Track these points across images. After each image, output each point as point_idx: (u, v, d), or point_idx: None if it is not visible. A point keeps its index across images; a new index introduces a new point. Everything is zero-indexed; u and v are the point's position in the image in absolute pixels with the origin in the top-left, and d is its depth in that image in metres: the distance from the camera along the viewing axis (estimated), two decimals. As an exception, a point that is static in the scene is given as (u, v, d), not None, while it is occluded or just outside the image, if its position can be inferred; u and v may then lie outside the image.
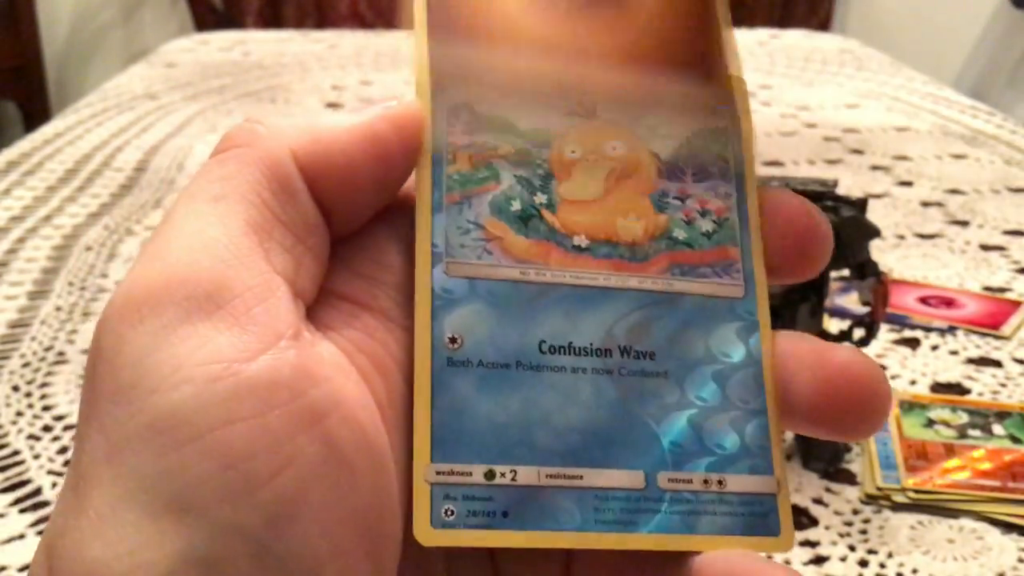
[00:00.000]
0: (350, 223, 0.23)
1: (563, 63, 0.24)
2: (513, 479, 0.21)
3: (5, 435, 0.56)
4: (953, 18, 2.50)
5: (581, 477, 0.22)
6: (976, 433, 0.55)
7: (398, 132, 0.22)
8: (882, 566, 0.46)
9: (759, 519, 0.22)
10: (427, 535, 0.21)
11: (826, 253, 0.24)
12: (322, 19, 2.50)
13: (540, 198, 0.23)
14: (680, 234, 0.24)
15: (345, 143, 0.22)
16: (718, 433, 0.23)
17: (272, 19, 2.52)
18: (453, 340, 0.22)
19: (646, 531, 0.22)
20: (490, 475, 0.21)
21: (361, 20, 2.47)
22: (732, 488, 0.22)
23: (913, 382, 0.62)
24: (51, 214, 0.90)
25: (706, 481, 0.22)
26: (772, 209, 0.24)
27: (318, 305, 0.22)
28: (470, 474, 0.21)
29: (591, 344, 0.23)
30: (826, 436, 0.23)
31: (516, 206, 0.23)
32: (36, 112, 2.42)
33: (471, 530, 0.21)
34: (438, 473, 0.21)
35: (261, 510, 0.18)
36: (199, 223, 0.20)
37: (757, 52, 1.61)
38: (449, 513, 0.21)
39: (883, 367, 0.63)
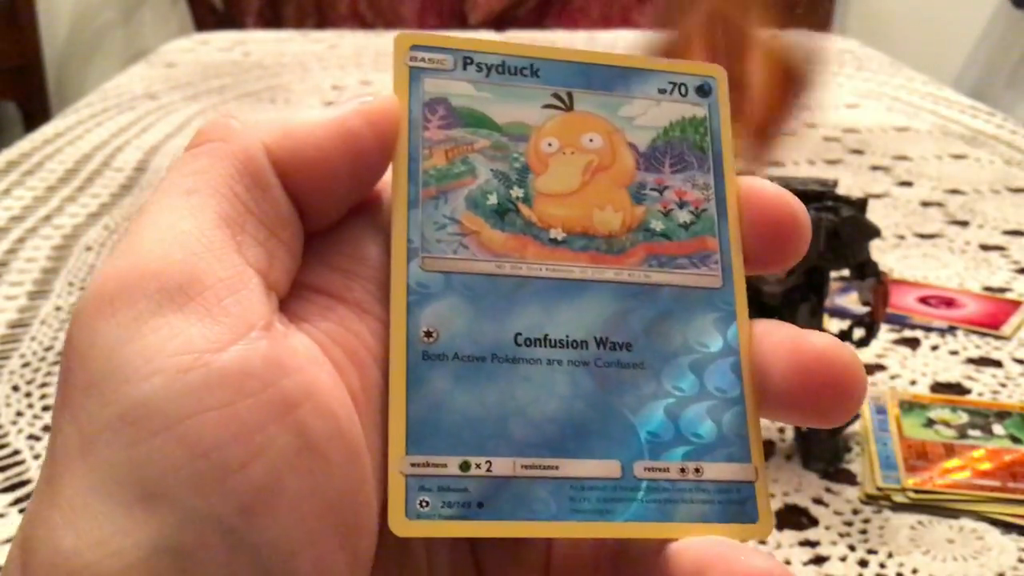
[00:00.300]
0: (325, 217, 0.23)
1: (540, 54, 0.25)
2: (488, 470, 0.22)
3: (5, 435, 0.56)
4: (953, 18, 2.50)
5: (557, 467, 0.22)
6: (976, 433, 0.55)
7: (372, 128, 0.22)
8: (882, 566, 0.46)
9: (737, 506, 0.23)
10: (402, 526, 0.21)
11: (804, 241, 0.24)
12: (322, 19, 2.50)
13: (517, 192, 0.24)
14: (657, 225, 0.24)
15: (318, 138, 0.22)
16: (695, 422, 0.23)
17: (272, 19, 2.52)
18: (428, 334, 0.22)
19: (623, 520, 0.22)
20: (465, 466, 0.22)
21: (361, 20, 2.47)
22: (709, 476, 0.23)
23: (913, 382, 0.62)
24: (51, 214, 0.90)
25: (683, 470, 0.23)
26: (749, 198, 0.24)
27: (293, 298, 0.22)
28: (445, 466, 0.21)
29: (567, 336, 0.23)
30: (802, 422, 0.23)
31: (492, 200, 0.23)
32: (36, 112, 2.42)
33: (446, 521, 0.21)
34: (413, 465, 0.21)
35: (233, 499, 0.19)
36: (171, 217, 0.21)
37: (757, 52, 1.61)
38: (424, 504, 0.21)
39: (883, 367, 0.63)
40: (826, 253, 0.51)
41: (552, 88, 0.24)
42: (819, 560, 0.47)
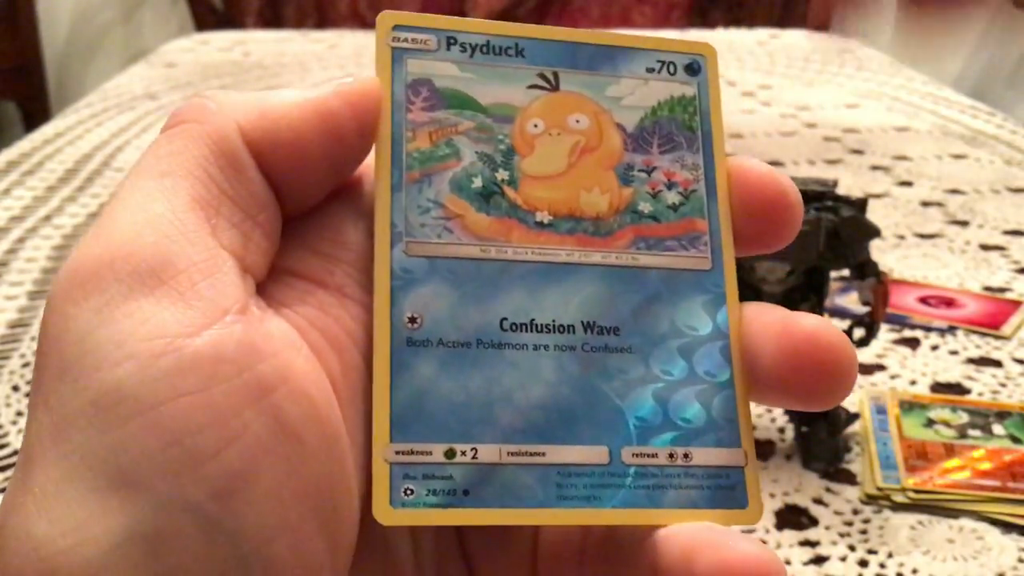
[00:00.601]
0: (303, 199, 0.22)
1: (527, 33, 0.24)
2: (474, 457, 0.21)
3: (5, 435, 0.56)
4: (953, 18, 2.50)
5: (544, 454, 0.22)
6: (976, 433, 0.55)
7: (351, 109, 0.22)
8: (882, 566, 0.46)
9: (726, 491, 0.22)
10: (386, 514, 0.21)
11: (795, 221, 0.23)
12: (322, 19, 2.50)
13: (502, 174, 0.23)
14: (645, 207, 0.24)
15: (294, 118, 0.22)
16: (684, 407, 0.23)
17: (272, 19, 2.52)
18: (413, 320, 0.22)
19: (610, 506, 0.22)
20: (450, 454, 0.21)
21: (361, 20, 2.47)
22: (698, 461, 0.22)
23: (913, 382, 0.62)
24: (51, 214, 0.90)
25: (671, 455, 0.22)
26: (739, 178, 0.24)
27: (273, 282, 0.22)
28: (430, 453, 0.21)
29: (554, 321, 0.23)
30: (792, 405, 0.23)
31: (477, 183, 0.23)
32: (36, 112, 2.42)
33: (431, 509, 0.21)
34: (397, 453, 0.21)
35: (208, 484, 0.18)
36: (144, 199, 0.20)
37: (757, 52, 1.61)
38: (408, 492, 0.21)
39: (883, 367, 0.63)
40: (826, 253, 0.51)
41: (538, 68, 0.24)
42: (819, 560, 0.47)
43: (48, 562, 0.18)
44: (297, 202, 0.22)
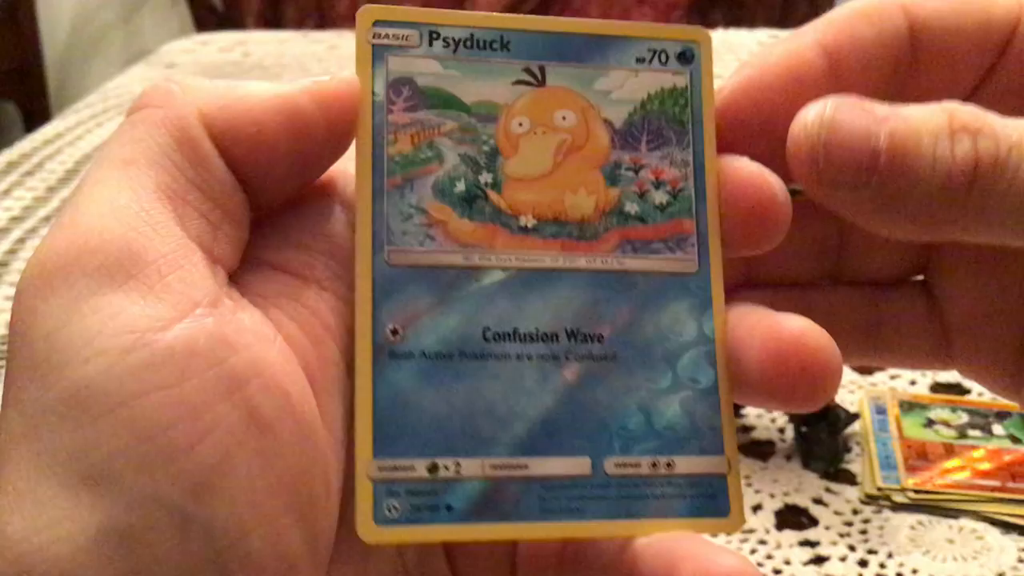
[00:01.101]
0: (272, 193, 0.22)
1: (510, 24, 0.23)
2: (457, 472, 0.21)
3: (5, 435, 0.56)
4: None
5: (526, 467, 0.22)
6: (976, 433, 0.55)
7: (322, 110, 0.22)
8: (882, 566, 0.46)
9: (708, 500, 0.22)
10: (370, 532, 0.21)
11: (784, 222, 0.23)
12: (322, 20, 2.50)
13: (485, 177, 0.23)
14: (632, 208, 0.23)
15: (257, 112, 0.21)
16: (668, 415, 0.22)
17: (272, 20, 2.52)
18: (394, 332, 0.22)
19: (593, 519, 0.22)
20: (433, 468, 0.21)
21: (361, 21, 2.47)
22: (681, 470, 0.22)
23: (913, 382, 0.62)
24: (51, 215, 0.90)
25: (654, 464, 0.22)
26: (727, 176, 0.23)
27: (250, 273, 0.22)
28: (413, 468, 0.21)
29: (537, 329, 0.22)
30: (776, 407, 0.23)
31: (460, 187, 0.22)
32: (36, 113, 2.42)
33: (415, 526, 0.21)
34: (380, 469, 0.21)
35: (181, 479, 0.18)
36: (109, 190, 0.20)
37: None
38: (392, 510, 0.21)
39: (883, 367, 0.63)
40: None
41: (523, 62, 0.23)
42: (819, 560, 0.47)
43: (22, 560, 0.18)
44: (266, 195, 0.22)
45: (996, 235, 0.22)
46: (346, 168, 0.23)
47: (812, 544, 0.48)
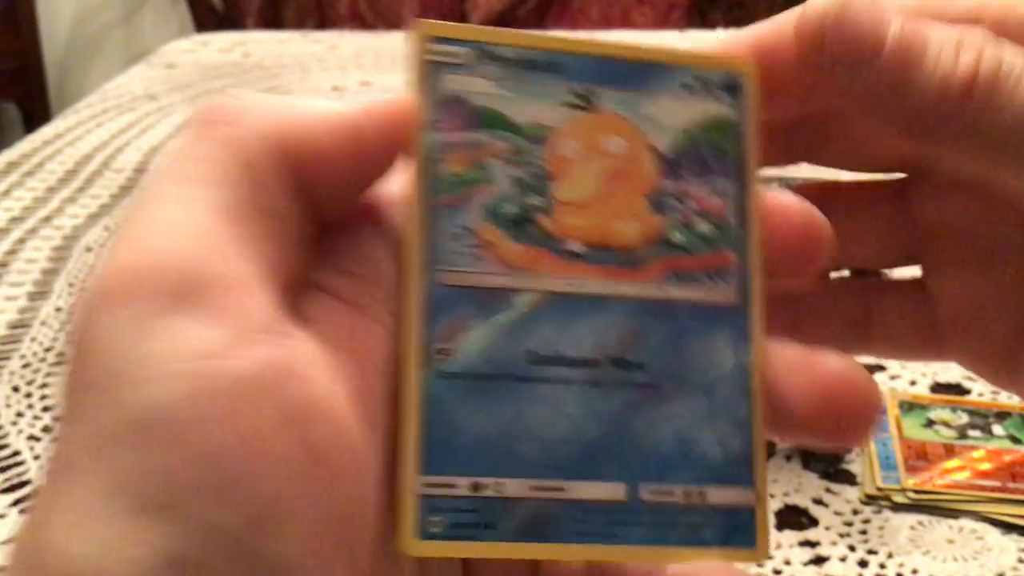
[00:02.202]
0: (330, 214, 0.22)
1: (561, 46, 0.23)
2: (498, 491, 0.21)
3: (5, 435, 0.56)
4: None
5: (564, 490, 0.22)
6: (976, 433, 0.55)
7: (381, 130, 0.22)
8: (882, 566, 0.46)
9: (736, 531, 0.23)
10: (412, 545, 0.21)
11: (826, 254, 0.23)
12: (322, 20, 2.50)
13: (534, 200, 0.23)
14: (677, 238, 0.23)
15: (321, 134, 0.21)
16: (703, 445, 0.23)
17: (272, 20, 2.52)
18: (442, 351, 0.22)
19: (625, 544, 0.22)
20: (476, 487, 0.21)
21: (361, 21, 2.47)
22: (712, 500, 0.22)
23: (913, 382, 0.62)
24: (51, 215, 0.90)
25: (687, 493, 0.22)
26: (770, 209, 0.24)
27: (300, 297, 0.21)
28: (456, 486, 0.21)
29: (580, 355, 0.22)
30: (819, 444, 0.23)
31: (509, 209, 0.23)
32: (36, 113, 2.42)
33: (455, 541, 0.21)
34: (425, 486, 0.21)
35: (242, 511, 0.18)
36: (172, 208, 0.20)
37: (757, 52, 1.60)
38: (434, 524, 0.21)
39: (883, 367, 0.63)
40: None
41: (573, 85, 0.23)
42: (819, 560, 0.47)
43: None
44: (325, 216, 0.22)
45: (984, 158, 0.23)
46: (393, 194, 0.23)
47: (812, 544, 0.48)
